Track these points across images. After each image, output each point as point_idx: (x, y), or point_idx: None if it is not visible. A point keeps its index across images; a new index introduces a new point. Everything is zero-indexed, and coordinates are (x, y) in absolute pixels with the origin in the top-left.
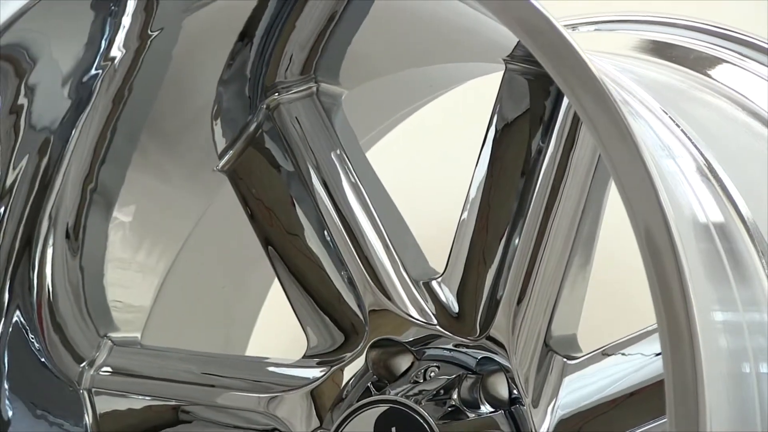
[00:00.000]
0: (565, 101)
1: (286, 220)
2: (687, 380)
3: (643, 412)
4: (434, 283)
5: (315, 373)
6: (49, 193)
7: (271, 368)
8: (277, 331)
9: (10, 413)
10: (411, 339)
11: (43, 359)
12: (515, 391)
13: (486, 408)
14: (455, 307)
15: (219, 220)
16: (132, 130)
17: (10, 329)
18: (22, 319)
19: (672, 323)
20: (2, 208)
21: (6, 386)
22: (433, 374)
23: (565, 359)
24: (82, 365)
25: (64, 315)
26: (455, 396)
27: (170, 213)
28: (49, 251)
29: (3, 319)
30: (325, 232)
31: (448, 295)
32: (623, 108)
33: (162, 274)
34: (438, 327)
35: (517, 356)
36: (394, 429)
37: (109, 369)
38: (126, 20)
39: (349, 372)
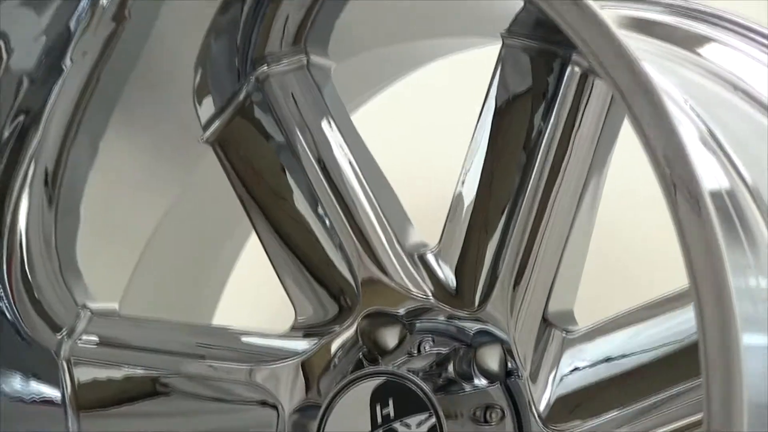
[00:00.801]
0: (567, 76)
1: (277, 186)
2: (724, 347)
3: (644, 387)
4: (429, 256)
5: (303, 345)
6: (29, 140)
7: (258, 339)
8: (258, 308)
9: None
10: (405, 311)
11: (17, 327)
12: (511, 365)
13: (482, 381)
14: (452, 280)
15: (201, 193)
16: (117, 82)
17: None
18: None
19: (707, 289)
20: None
21: None
22: (427, 347)
23: (564, 333)
24: (60, 335)
25: (40, 281)
26: (451, 369)
27: (151, 182)
28: (25, 201)
29: None
30: (318, 206)
31: (444, 268)
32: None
33: (141, 245)
34: (434, 300)
35: (515, 330)
36: (391, 401)
37: (89, 338)
38: None
39: (336, 343)
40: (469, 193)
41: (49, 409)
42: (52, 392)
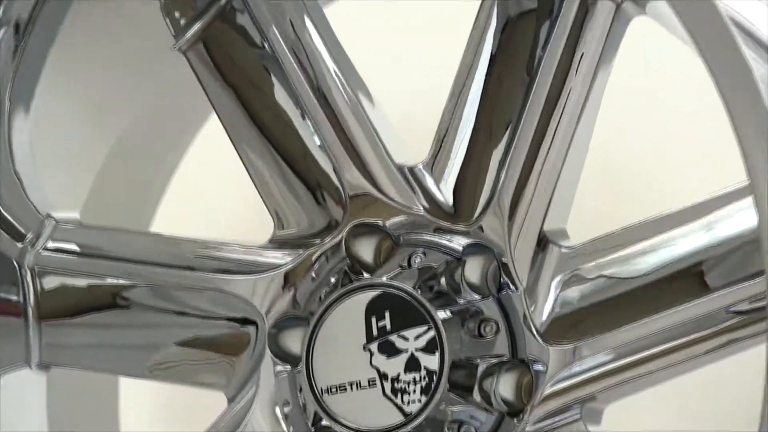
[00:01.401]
0: None
1: (262, 91)
2: None
3: (643, 306)
4: (419, 169)
5: (284, 257)
6: None
7: (236, 251)
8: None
9: None
10: (395, 225)
11: None
12: (505, 279)
13: (474, 295)
14: (445, 194)
15: (160, 106)
16: None
17: None
18: None
19: None
20: None
21: None
22: (418, 260)
23: (561, 249)
24: (22, 243)
25: None
26: (443, 282)
27: (112, 96)
28: None
29: None
30: (306, 116)
31: (439, 182)
32: None
33: (103, 154)
34: (425, 213)
35: (512, 244)
36: (387, 313)
37: (55, 247)
38: None
39: (322, 255)
40: (467, 109)
41: (6, 320)
42: (11, 301)
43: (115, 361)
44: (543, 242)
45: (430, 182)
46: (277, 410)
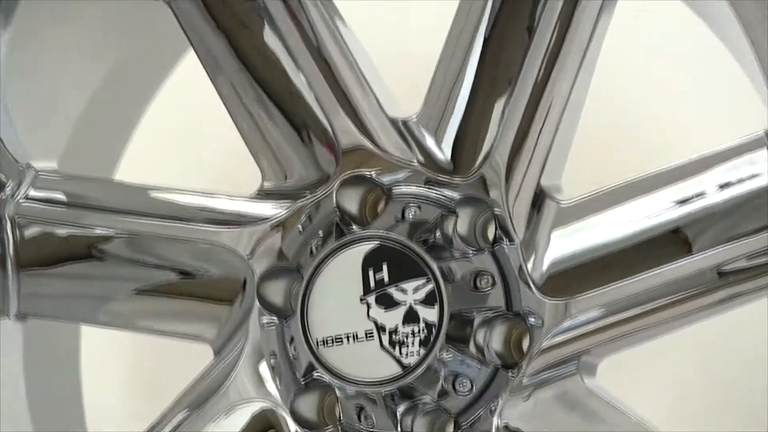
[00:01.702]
0: None
1: (258, 42)
2: None
3: (641, 262)
4: (413, 123)
5: (273, 208)
6: None
7: (224, 202)
8: None
9: None
10: (388, 177)
11: None
12: (500, 232)
13: (468, 248)
14: (442, 147)
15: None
16: None
17: None
18: None
19: None
20: None
21: None
22: (411, 214)
23: (559, 203)
24: (2, 193)
25: None
26: (438, 235)
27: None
28: None
29: None
30: (299, 71)
31: (437, 137)
32: None
33: (81, 104)
34: (421, 167)
35: (509, 198)
36: (385, 265)
37: (36, 196)
38: None
39: (313, 207)
40: (468, 63)
41: None
42: None
43: (95, 312)
44: (540, 197)
45: (426, 136)
46: (264, 362)
